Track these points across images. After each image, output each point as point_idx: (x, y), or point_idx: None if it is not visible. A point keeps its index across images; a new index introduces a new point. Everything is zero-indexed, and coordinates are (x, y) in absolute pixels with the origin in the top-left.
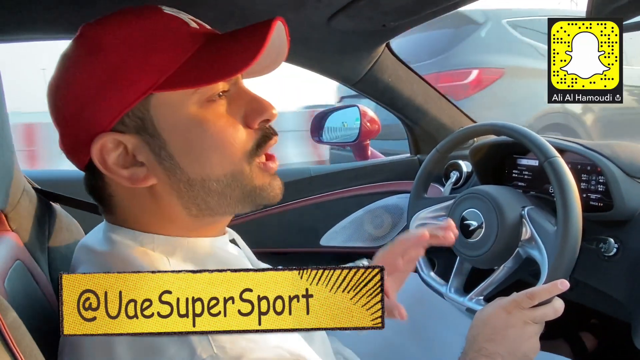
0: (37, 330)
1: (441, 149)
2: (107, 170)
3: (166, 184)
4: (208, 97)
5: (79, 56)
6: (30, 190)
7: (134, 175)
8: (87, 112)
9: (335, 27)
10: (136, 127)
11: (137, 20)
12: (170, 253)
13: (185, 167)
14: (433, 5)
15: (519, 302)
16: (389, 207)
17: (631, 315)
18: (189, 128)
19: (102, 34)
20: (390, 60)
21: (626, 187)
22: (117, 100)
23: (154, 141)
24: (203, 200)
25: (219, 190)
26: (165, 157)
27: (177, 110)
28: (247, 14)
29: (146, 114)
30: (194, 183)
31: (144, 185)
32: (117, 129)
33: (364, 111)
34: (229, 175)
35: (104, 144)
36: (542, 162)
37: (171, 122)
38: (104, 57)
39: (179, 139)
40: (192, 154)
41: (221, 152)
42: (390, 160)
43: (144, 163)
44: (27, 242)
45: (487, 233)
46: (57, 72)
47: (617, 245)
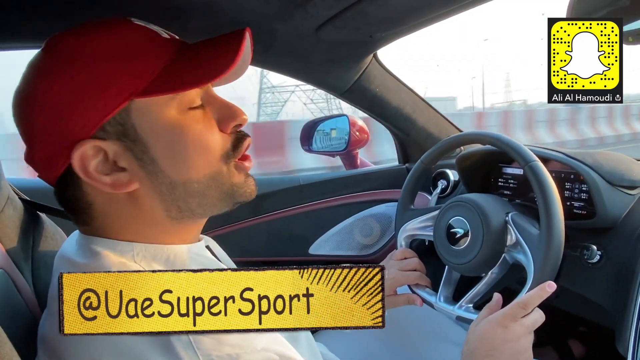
0: (18, 339)
1: (425, 160)
2: (88, 178)
3: (148, 188)
4: (187, 105)
5: (54, 66)
6: (15, 199)
7: (117, 181)
8: (65, 122)
9: (322, 37)
10: (117, 133)
11: (111, 30)
12: (149, 261)
13: (168, 170)
14: (419, 16)
15: (513, 315)
16: (378, 216)
17: (615, 322)
18: (170, 133)
19: (77, 43)
20: (378, 70)
21: (608, 195)
22: (98, 108)
23: (136, 146)
24: (184, 202)
25: (200, 191)
26: (147, 161)
27: (157, 116)
28: (235, 24)
29: (127, 120)
30: (176, 185)
31: (126, 190)
32: (97, 136)
33: (353, 120)
34: (208, 176)
35: (85, 152)
36: (522, 166)
37: (153, 127)
38: (82, 66)
39: (161, 143)
40: (174, 158)
41: (202, 154)
42: (379, 169)
43: (126, 168)
44: (11, 250)
45: (473, 240)
46: (27, 82)
47: (600, 252)
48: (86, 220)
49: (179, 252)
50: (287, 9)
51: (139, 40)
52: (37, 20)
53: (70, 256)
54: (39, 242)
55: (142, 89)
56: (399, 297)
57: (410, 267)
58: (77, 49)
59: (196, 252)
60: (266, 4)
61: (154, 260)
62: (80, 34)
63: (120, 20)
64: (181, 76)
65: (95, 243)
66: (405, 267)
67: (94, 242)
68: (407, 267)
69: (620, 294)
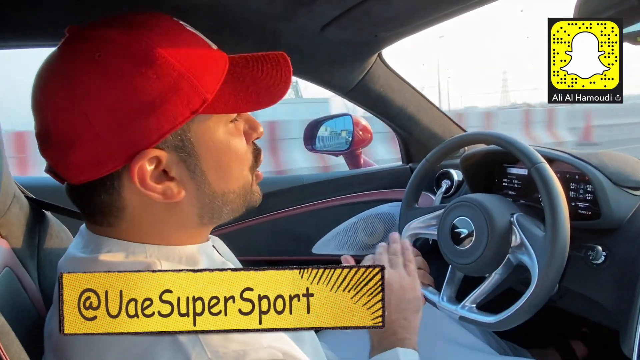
0: (24, 337)
1: (430, 159)
2: (144, 187)
3: (193, 197)
4: (229, 118)
5: (125, 69)
6: (20, 197)
7: (168, 190)
8: (132, 129)
9: (327, 37)
10: (176, 145)
11: (182, 32)
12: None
13: (213, 182)
14: (424, 16)
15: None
16: (381, 215)
17: (619, 323)
18: (219, 146)
19: (152, 44)
20: (382, 70)
21: (613, 195)
22: (167, 120)
23: (190, 159)
24: (219, 210)
25: (233, 200)
26: (198, 173)
27: (212, 131)
28: (240, 24)
29: (187, 133)
30: (216, 195)
31: (175, 200)
32: (158, 146)
33: (357, 120)
34: (241, 186)
35: (146, 161)
36: (529, 168)
37: (207, 141)
38: (160, 72)
39: (211, 156)
40: (220, 170)
41: (239, 166)
42: (382, 168)
43: (175, 178)
44: (17, 248)
45: (477, 240)
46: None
47: (605, 253)
48: (111, 222)
49: (190, 253)
50: (292, 8)
51: (206, 54)
52: (48, 17)
53: (77, 254)
54: (45, 241)
55: (208, 105)
56: None
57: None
58: (153, 51)
59: (205, 251)
60: (271, 4)
61: (167, 261)
62: (149, 30)
63: (175, 24)
64: (240, 97)
65: (108, 244)
66: None
67: (107, 244)
68: None
69: (625, 295)
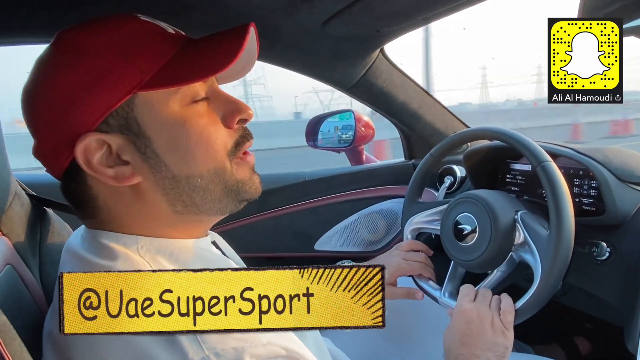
0: (25, 335)
1: (435, 153)
2: (92, 170)
3: (151, 181)
4: (190, 99)
5: (60, 60)
6: (22, 194)
7: (120, 173)
8: (70, 114)
9: (329, 32)
10: (120, 126)
11: (117, 25)
12: (154, 255)
13: (170, 164)
14: (426, 11)
15: (465, 294)
16: (384, 212)
17: (623, 319)
18: (172, 126)
19: (84, 38)
20: (385, 65)
21: (618, 191)
22: (102, 101)
23: (139, 140)
24: (188, 197)
25: (203, 185)
26: (150, 154)
27: (161, 109)
28: (241, 19)
29: (130, 114)
30: (179, 179)
31: (129, 183)
32: (100, 129)
33: (359, 116)
34: (212, 171)
35: (88, 144)
36: (534, 167)
37: (156, 120)
38: (87, 60)
39: (163, 137)
40: (177, 152)
41: (204, 149)
42: (384, 164)
43: (129, 161)
44: (18, 246)
45: (480, 237)
46: (35, 77)
47: (610, 249)
48: (91, 213)
49: (183, 247)
50: (293, 3)
51: (144, 35)
52: (46, 15)
53: (75, 249)
54: (46, 238)
55: (145, 83)
56: (398, 289)
57: (416, 259)
58: (83, 43)
59: (201, 247)
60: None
61: (158, 254)
62: (87, 28)
63: (127, 16)
64: (183, 70)
65: (100, 236)
66: (411, 257)
67: (99, 235)
68: (412, 258)
69: (630, 291)
